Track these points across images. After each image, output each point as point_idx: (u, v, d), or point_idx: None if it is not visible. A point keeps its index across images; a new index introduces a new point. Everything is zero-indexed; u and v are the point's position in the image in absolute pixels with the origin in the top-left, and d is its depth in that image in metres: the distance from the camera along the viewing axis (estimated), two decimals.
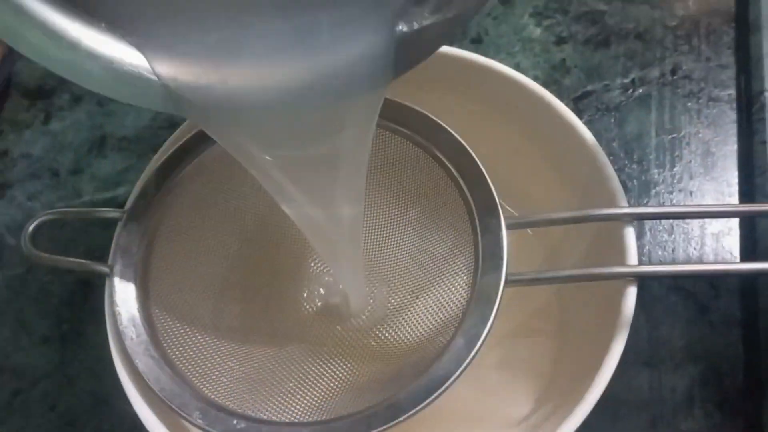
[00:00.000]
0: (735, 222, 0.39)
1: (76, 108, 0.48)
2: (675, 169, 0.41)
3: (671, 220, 0.39)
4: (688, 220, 0.39)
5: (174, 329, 0.30)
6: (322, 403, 0.30)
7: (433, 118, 0.32)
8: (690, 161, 0.41)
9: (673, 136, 0.42)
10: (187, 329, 0.30)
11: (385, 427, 0.26)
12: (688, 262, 0.38)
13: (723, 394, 0.35)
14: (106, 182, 0.45)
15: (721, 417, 0.35)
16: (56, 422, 0.38)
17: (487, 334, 0.28)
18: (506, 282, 0.29)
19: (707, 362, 0.36)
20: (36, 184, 0.46)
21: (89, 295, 0.41)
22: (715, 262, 0.37)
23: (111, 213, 0.30)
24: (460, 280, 0.31)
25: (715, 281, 0.38)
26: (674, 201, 0.40)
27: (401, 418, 0.26)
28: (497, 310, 0.28)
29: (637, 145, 0.42)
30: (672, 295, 0.38)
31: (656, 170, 0.41)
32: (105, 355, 0.29)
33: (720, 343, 0.36)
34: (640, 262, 0.38)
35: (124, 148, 0.46)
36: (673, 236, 0.39)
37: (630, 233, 0.29)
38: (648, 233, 0.39)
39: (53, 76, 0.49)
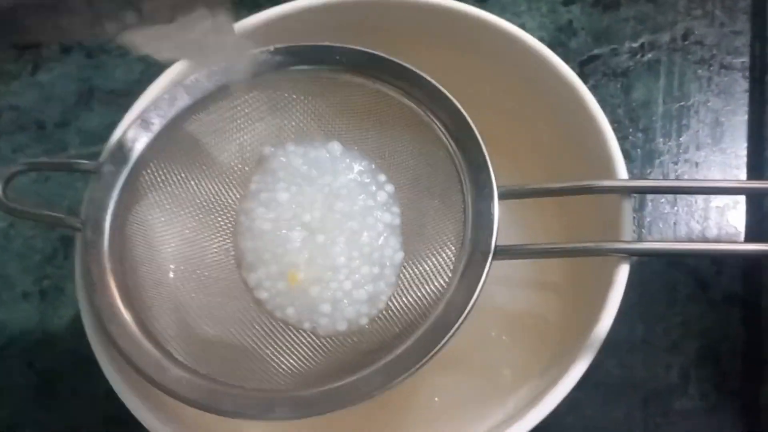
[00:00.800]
0: (742, 196, 0.37)
1: (65, 59, 0.47)
2: (681, 139, 0.39)
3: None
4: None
5: (147, 289, 0.28)
6: (302, 371, 0.29)
7: (428, 78, 0.30)
8: (697, 131, 0.40)
9: (681, 104, 0.40)
10: (161, 289, 0.29)
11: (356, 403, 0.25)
12: (690, 237, 0.36)
13: (720, 374, 0.34)
14: (92, 136, 0.44)
15: (717, 397, 0.34)
16: (34, 380, 0.37)
17: (472, 306, 0.27)
18: (495, 254, 0.27)
19: (705, 341, 0.35)
20: (22, 137, 0.44)
21: (71, 252, 0.40)
22: (717, 241, 0.35)
23: (85, 165, 0.29)
24: (447, 250, 0.29)
25: (715, 258, 0.36)
26: (679, 172, 0.39)
27: (393, 383, 0.25)
28: (484, 282, 0.27)
29: (644, 112, 0.40)
30: (672, 270, 0.36)
31: (662, 139, 0.39)
32: None
33: (719, 321, 0.35)
34: (640, 236, 0.36)
35: (113, 102, 0.45)
36: (675, 208, 0.37)
37: (627, 207, 0.27)
38: (649, 204, 0.37)
39: None
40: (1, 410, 0.36)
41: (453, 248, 0.29)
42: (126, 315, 0.27)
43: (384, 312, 0.31)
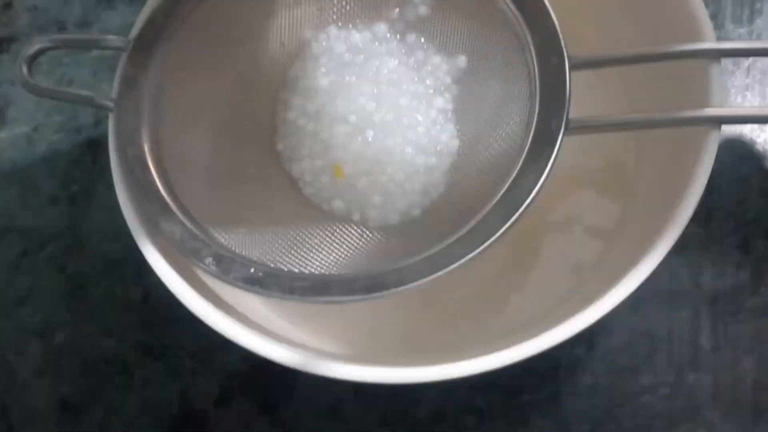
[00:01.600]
0: None
1: None
2: (754, 24, 0.36)
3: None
4: None
5: (186, 173, 0.27)
6: (349, 262, 0.27)
7: None
8: None
9: None
10: (201, 174, 0.27)
11: (420, 281, 0.23)
12: None
13: None
14: (122, 38, 0.42)
15: None
16: (65, 284, 0.35)
17: (543, 184, 0.24)
18: (567, 128, 0.25)
19: None
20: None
21: (100, 155, 0.38)
22: None
23: (114, 41, 0.27)
24: (510, 131, 0.27)
25: None
26: (752, 62, 0.36)
27: (452, 266, 0.23)
28: (555, 158, 0.24)
29: None
30: (743, 164, 0.33)
31: (732, 26, 0.36)
32: (117, 218, 0.26)
33: None
34: None
35: (136, 0, 0.42)
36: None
37: (716, 72, 0.25)
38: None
39: None
40: (34, 315, 0.35)
41: (518, 128, 0.26)
42: (165, 195, 0.25)
43: (440, 203, 0.29)
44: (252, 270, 0.24)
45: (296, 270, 0.25)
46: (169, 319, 0.33)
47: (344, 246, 0.28)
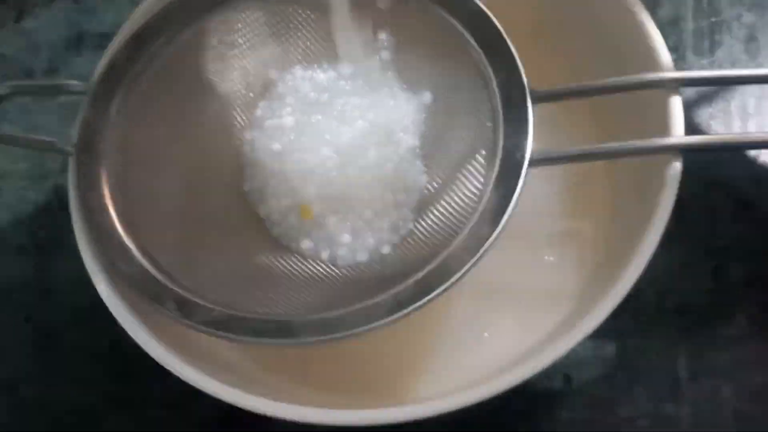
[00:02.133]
0: None
1: (51, 4, 0.44)
2: (715, 57, 0.37)
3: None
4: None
5: (150, 216, 0.26)
6: (319, 300, 0.26)
7: None
8: (732, 47, 0.37)
9: (713, 20, 0.38)
10: (166, 217, 0.27)
11: (389, 319, 0.23)
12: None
13: None
14: (83, 83, 0.41)
15: (765, 322, 0.31)
16: (32, 335, 0.34)
17: (508, 219, 0.24)
18: (531, 160, 0.25)
19: (750, 263, 0.32)
20: None
21: (67, 203, 0.38)
22: None
23: (75, 86, 0.27)
24: (476, 164, 0.27)
25: (756, 174, 0.34)
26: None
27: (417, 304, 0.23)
28: (520, 192, 0.24)
29: (673, 30, 0.37)
30: (712, 191, 0.34)
31: (694, 58, 0.37)
32: (84, 265, 0.26)
33: (764, 241, 0.33)
34: None
35: (104, 46, 0.41)
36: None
37: (676, 102, 0.25)
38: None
39: None
40: (0, 369, 0.34)
41: (483, 160, 0.26)
42: (127, 240, 0.25)
43: (408, 238, 0.28)
44: (215, 313, 0.23)
45: (262, 312, 0.24)
46: (138, 368, 0.32)
47: (313, 286, 0.28)
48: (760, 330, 0.31)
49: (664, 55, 0.25)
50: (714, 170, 0.34)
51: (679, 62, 0.37)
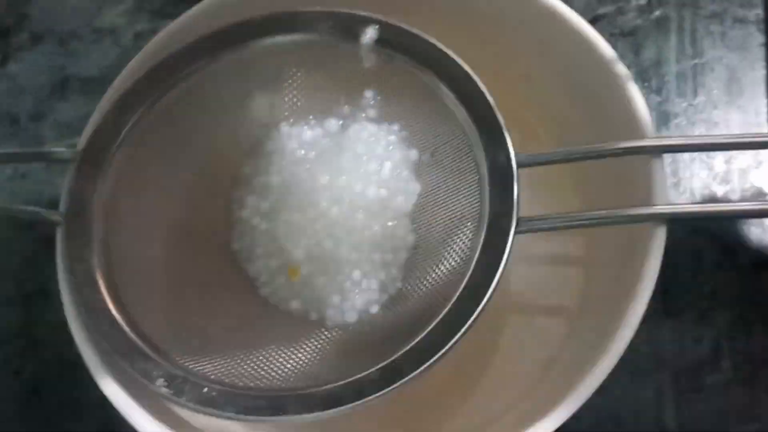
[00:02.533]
0: (765, 155, 0.35)
1: (35, 48, 0.44)
2: (697, 99, 0.37)
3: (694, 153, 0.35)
4: (711, 154, 0.35)
5: (138, 283, 0.26)
6: (308, 368, 0.26)
7: (433, 41, 0.28)
8: (714, 89, 0.37)
9: (695, 62, 0.38)
10: (155, 282, 0.27)
11: (380, 393, 0.23)
12: (714, 200, 0.34)
13: (754, 344, 0.32)
14: (70, 128, 0.41)
15: (751, 369, 0.32)
16: (20, 390, 0.34)
17: (496, 285, 0.24)
18: (518, 227, 0.25)
19: (736, 310, 0.33)
20: None
21: (54, 253, 0.37)
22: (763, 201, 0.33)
23: (62, 154, 0.27)
24: (463, 227, 0.27)
25: (740, 220, 0.34)
26: (697, 133, 0.36)
27: (406, 378, 0.23)
28: (507, 259, 0.24)
29: (655, 72, 0.38)
30: (696, 237, 0.34)
31: (677, 100, 0.37)
32: None
33: (749, 288, 0.33)
34: None
35: (89, 91, 0.42)
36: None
37: (659, 168, 0.25)
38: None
39: (10, 13, 0.45)
40: None
41: (470, 224, 0.26)
42: (116, 314, 0.25)
43: (396, 299, 0.29)
44: (206, 389, 0.23)
45: (252, 384, 0.24)
46: (127, 426, 0.32)
47: (302, 349, 0.28)
48: (746, 377, 0.32)
49: (646, 123, 0.26)
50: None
51: (662, 104, 0.37)
